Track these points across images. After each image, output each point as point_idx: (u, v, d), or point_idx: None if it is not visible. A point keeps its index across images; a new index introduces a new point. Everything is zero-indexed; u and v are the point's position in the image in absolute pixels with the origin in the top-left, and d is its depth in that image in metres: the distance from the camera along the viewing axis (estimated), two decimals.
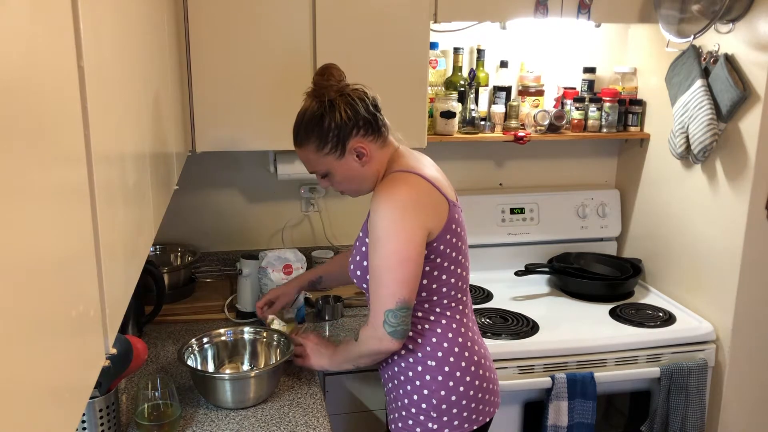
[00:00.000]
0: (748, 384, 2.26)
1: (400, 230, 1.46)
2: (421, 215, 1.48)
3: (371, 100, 1.55)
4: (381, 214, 1.47)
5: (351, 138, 1.53)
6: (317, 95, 1.54)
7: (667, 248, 2.49)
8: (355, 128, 1.53)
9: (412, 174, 1.52)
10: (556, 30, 2.54)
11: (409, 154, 1.61)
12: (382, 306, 1.48)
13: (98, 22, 0.81)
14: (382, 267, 1.47)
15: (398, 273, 1.46)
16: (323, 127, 1.52)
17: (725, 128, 2.16)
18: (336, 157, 1.54)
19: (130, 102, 1.03)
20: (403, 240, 1.45)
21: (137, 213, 1.06)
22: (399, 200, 1.47)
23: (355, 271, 1.62)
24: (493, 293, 2.47)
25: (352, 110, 1.52)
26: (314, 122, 1.53)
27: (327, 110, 1.52)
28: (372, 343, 1.53)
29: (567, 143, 2.69)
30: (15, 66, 0.51)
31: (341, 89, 1.53)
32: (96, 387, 1.44)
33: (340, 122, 1.51)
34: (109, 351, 0.80)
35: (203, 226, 2.48)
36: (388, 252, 1.46)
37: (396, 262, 1.46)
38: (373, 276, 1.50)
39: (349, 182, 1.60)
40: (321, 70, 1.55)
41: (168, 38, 1.59)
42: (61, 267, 0.63)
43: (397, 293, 1.47)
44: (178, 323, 2.16)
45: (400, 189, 1.49)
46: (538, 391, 2.09)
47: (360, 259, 1.59)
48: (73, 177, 0.68)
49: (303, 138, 1.55)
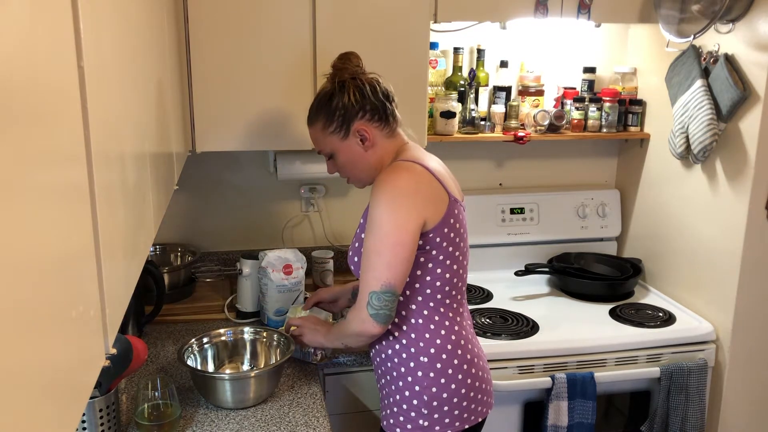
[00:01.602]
0: (748, 384, 2.26)
1: (394, 215, 1.48)
2: (418, 204, 1.50)
3: (383, 89, 1.60)
4: (378, 198, 1.50)
5: (356, 120, 1.58)
6: (333, 77, 1.61)
7: (667, 248, 2.49)
8: (362, 111, 1.58)
9: (414, 163, 1.55)
10: (556, 30, 2.54)
11: (417, 148, 1.64)
12: (368, 287, 1.50)
13: (98, 22, 0.81)
14: (372, 249, 1.50)
15: (387, 257, 1.48)
16: (331, 106, 1.59)
17: (725, 128, 2.16)
18: (340, 137, 1.60)
19: (130, 102, 1.03)
20: (396, 225, 1.48)
21: (137, 213, 1.06)
22: (397, 186, 1.50)
23: (353, 258, 1.64)
24: (493, 293, 2.47)
25: (360, 94, 1.57)
26: (324, 101, 1.60)
27: (337, 91, 1.59)
28: (355, 324, 1.55)
29: (567, 143, 2.69)
30: (15, 66, 0.51)
31: (355, 73, 1.60)
32: (96, 387, 1.44)
33: (347, 103, 1.57)
34: (109, 351, 0.80)
35: (203, 226, 2.48)
36: (380, 235, 1.49)
37: (386, 245, 1.48)
38: (363, 258, 1.53)
39: (351, 167, 1.64)
40: (341, 55, 1.64)
41: (168, 38, 1.59)
42: (61, 267, 0.63)
43: (383, 276, 1.48)
44: (178, 323, 2.16)
45: (401, 175, 1.52)
46: (538, 391, 2.09)
47: (359, 246, 1.61)
48: (73, 177, 0.68)
49: (313, 116, 1.63)
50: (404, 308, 1.59)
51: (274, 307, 2.11)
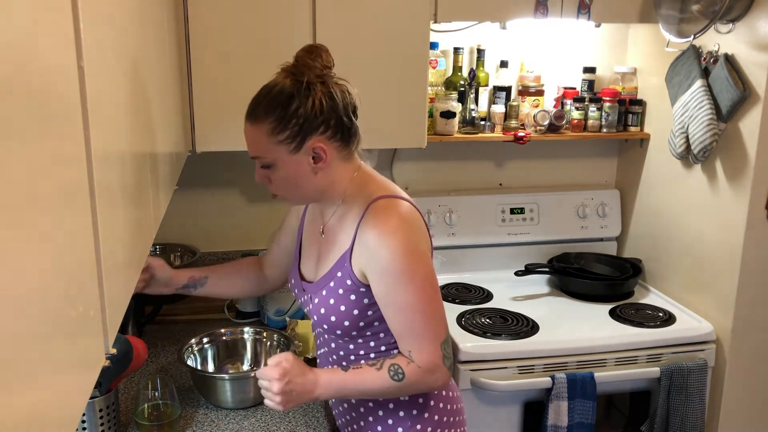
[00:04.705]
0: (748, 384, 2.26)
1: (419, 260, 1.34)
2: (423, 241, 1.38)
3: (351, 102, 1.35)
4: (393, 250, 1.31)
5: (315, 134, 1.31)
6: (295, 73, 1.31)
7: (667, 248, 2.48)
8: (324, 125, 1.31)
9: (399, 200, 1.38)
10: (556, 30, 2.54)
11: (376, 175, 1.45)
12: (437, 339, 1.35)
13: (98, 22, 0.81)
14: (417, 303, 1.34)
15: (435, 301, 1.36)
16: (288, 109, 1.30)
17: (725, 128, 2.16)
18: (289, 149, 1.31)
19: (130, 102, 1.03)
20: (426, 269, 1.35)
21: (137, 213, 1.06)
22: (405, 232, 1.34)
23: (341, 321, 1.39)
24: (493, 293, 2.47)
25: (328, 104, 1.31)
26: (280, 101, 1.30)
27: (300, 93, 1.30)
28: (430, 382, 1.37)
29: (567, 143, 2.69)
30: (15, 66, 0.51)
31: (324, 76, 1.32)
32: (96, 387, 1.44)
33: (309, 112, 1.30)
34: (109, 351, 0.80)
35: (203, 226, 2.48)
36: (417, 287, 1.33)
37: (431, 291, 1.35)
38: (408, 315, 1.34)
39: (290, 186, 1.38)
40: (309, 47, 1.34)
41: (168, 38, 1.59)
42: (61, 267, 0.63)
43: (443, 321, 1.38)
44: (178, 323, 2.16)
45: (402, 219, 1.35)
46: (538, 391, 2.09)
47: (348, 308, 1.38)
48: (73, 177, 0.68)
49: (261, 114, 1.32)
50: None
51: (274, 307, 2.11)
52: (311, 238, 1.53)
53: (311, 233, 1.53)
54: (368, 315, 1.39)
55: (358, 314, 1.38)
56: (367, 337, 1.42)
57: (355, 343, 1.44)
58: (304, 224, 1.57)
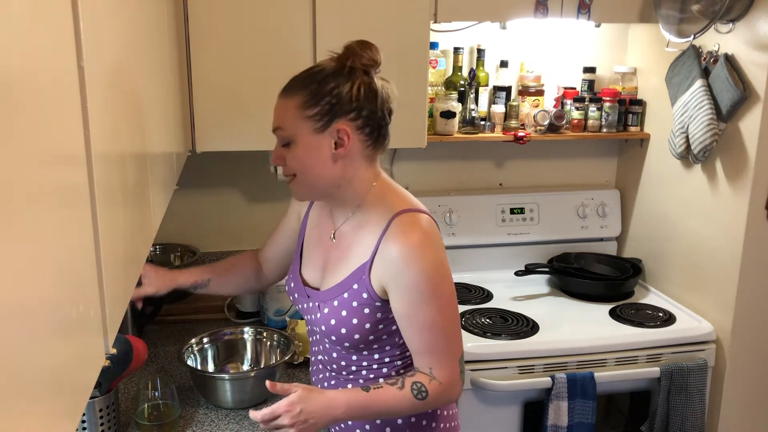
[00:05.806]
0: (748, 384, 2.26)
1: (445, 279, 1.35)
2: (445, 256, 1.37)
3: (389, 102, 1.35)
4: (421, 268, 1.30)
5: (343, 117, 1.29)
6: (341, 57, 1.32)
7: (667, 248, 2.49)
8: (356, 111, 1.29)
9: (421, 214, 1.36)
10: (556, 30, 2.54)
11: (396, 186, 1.43)
12: (457, 355, 1.37)
13: (98, 22, 0.81)
14: (441, 321, 1.34)
15: (456, 317, 1.38)
16: (324, 87, 1.29)
17: (725, 128, 2.16)
18: (315, 128, 1.29)
19: (131, 102, 1.03)
20: (451, 287, 1.36)
21: (137, 213, 1.06)
22: (432, 249, 1.32)
23: (352, 334, 1.36)
24: (493, 293, 2.47)
25: (366, 92, 1.30)
26: (318, 78, 1.30)
27: (340, 74, 1.30)
28: (450, 397, 1.38)
29: (567, 143, 2.69)
30: (15, 66, 0.51)
31: (369, 67, 1.32)
32: (96, 387, 1.44)
33: (345, 94, 1.29)
34: (109, 351, 0.80)
35: (203, 226, 2.48)
36: (443, 305, 1.34)
37: (453, 308, 1.37)
38: (431, 333, 1.34)
39: (308, 167, 1.32)
40: (363, 42, 1.33)
41: (168, 38, 1.59)
42: (62, 267, 0.63)
43: (461, 336, 1.40)
44: (178, 323, 2.16)
45: (426, 235, 1.33)
46: (538, 391, 2.09)
47: (361, 321, 1.35)
48: (73, 177, 0.68)
49: (296, 88, 1.32)
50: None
51: (274, 307, 2.11)
52: (315, 242, 1.49)
53: (316, 237, 1.50)
54: (379, 329, 1.37)
55: (369, 328, 1.36)
56: (373, 350, 1.41)
57: (359, 355, 1.42)
58: (307, 227, 1.54)
